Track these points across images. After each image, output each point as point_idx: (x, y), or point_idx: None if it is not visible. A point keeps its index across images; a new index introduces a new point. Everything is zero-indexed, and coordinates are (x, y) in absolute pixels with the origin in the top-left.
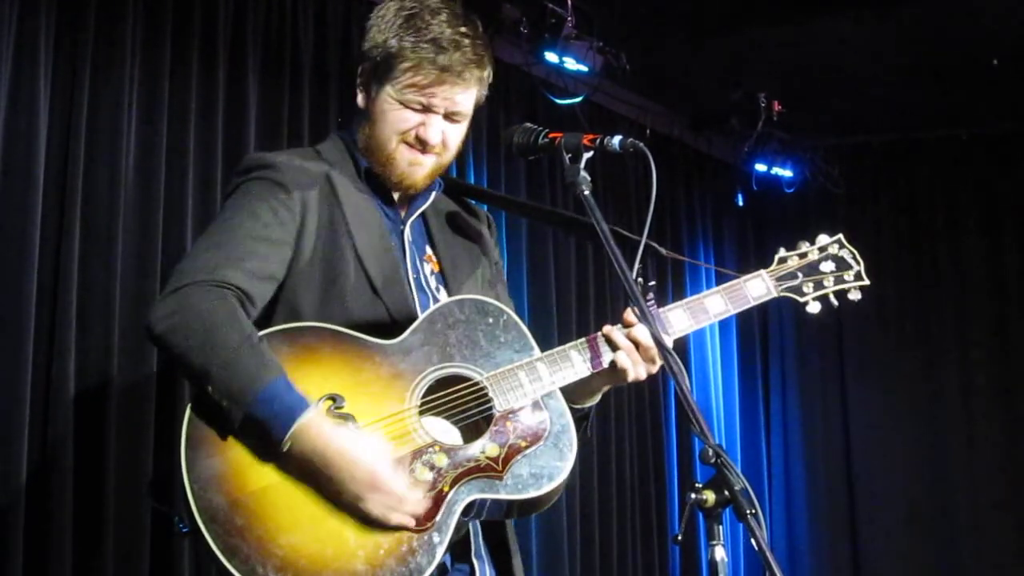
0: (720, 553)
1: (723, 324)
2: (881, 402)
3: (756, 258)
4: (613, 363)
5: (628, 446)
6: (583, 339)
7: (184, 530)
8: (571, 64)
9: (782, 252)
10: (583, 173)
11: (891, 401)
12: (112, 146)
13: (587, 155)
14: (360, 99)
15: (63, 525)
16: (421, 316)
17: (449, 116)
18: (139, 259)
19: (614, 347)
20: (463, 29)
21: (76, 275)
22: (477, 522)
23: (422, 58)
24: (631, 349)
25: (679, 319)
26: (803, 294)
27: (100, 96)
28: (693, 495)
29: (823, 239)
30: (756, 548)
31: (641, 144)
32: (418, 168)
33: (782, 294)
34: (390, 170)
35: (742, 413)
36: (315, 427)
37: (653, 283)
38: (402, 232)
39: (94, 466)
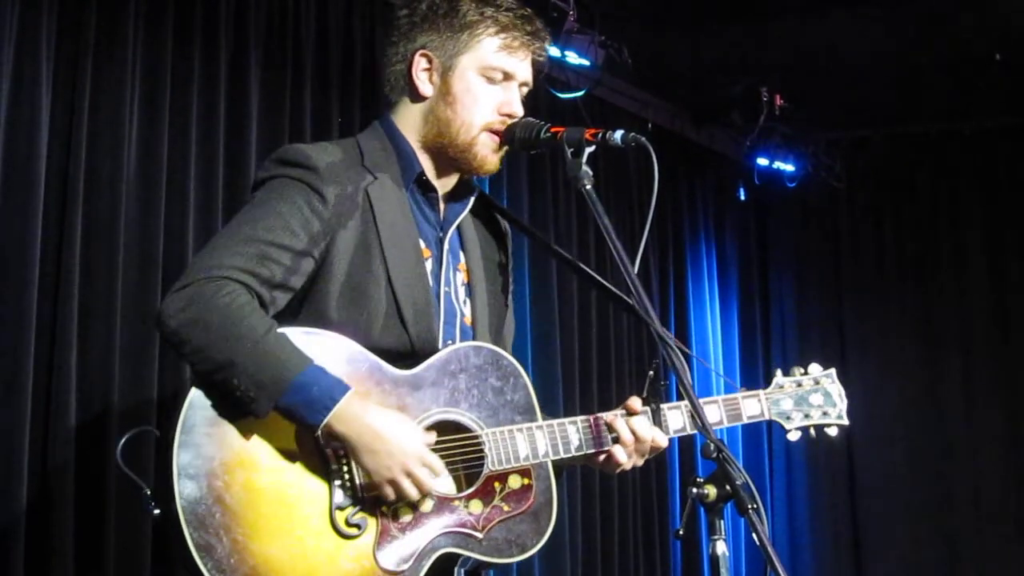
0: (721, 548)
1: (725, 318)
2: (883, 395)
3: (757, 252)
4: (608, 449)
5: None
6: (586, 417)
7: (150, 509)
8: (573, 58)
9: (779, 377)
10: (585, 168)
11: (893, 393)
12: (114, 144)
13: (589, 149)
14: (424, 88)
15: (65, 528)
16: (438, 353)
17: (522, 85)
18: (141, 255)
19: (615, 437)
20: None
21: (78, 272)
22: None
23: (512, 22)
24: (630, 443)
25: (675, 419)
26: (790, 421)
27: (102, 93)
28: (695, 490)
29: (816, 369)
30: (757, 542)
31: (643, 138)
32: (497, 155)
33: (773, 418)
34: (469, 156)
35: None
36: (359, 404)
37: (664, 383)
38: (442, 240)
39: (96, 467)
